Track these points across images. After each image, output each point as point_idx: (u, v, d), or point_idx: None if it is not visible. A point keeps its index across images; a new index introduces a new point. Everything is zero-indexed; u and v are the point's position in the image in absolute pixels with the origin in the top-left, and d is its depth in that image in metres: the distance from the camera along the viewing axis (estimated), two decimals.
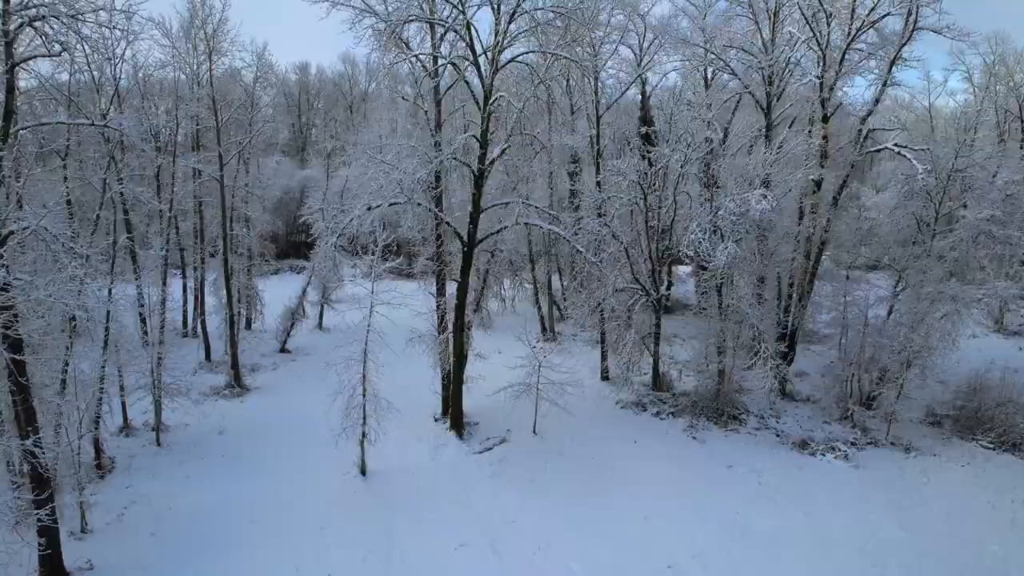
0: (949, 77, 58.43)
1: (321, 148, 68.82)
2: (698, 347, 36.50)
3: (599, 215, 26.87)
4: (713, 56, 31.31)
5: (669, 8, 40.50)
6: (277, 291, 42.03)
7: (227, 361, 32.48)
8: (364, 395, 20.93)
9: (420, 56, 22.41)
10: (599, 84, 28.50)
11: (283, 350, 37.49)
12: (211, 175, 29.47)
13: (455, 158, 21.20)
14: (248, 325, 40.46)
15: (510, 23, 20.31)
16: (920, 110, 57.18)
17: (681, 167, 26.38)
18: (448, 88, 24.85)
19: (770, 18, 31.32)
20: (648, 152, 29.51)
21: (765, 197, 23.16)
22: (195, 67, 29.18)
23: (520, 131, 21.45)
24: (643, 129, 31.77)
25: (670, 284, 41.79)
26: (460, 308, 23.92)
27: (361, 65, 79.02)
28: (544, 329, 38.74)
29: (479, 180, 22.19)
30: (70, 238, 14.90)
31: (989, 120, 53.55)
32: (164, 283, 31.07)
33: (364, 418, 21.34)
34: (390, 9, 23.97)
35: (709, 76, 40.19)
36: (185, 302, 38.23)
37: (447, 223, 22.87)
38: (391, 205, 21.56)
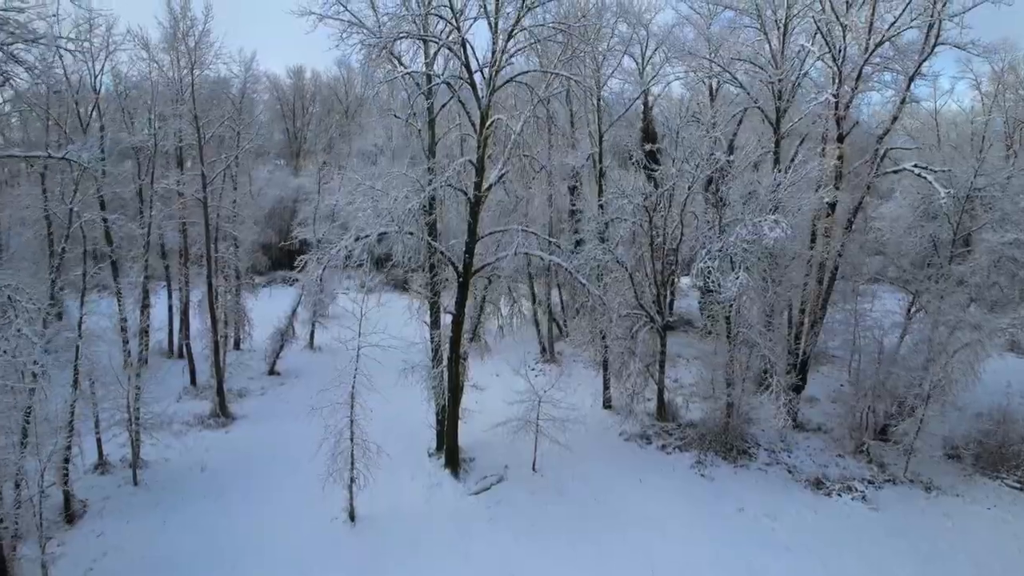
0: (956, 85, 56.89)
1: (316, 154, 67.58)
2: (703, 370, 35.37)
3: (601, 239, 25.51)
4: (720, 69, 29.99)
5: (672, 16, 38.62)
6: (269, 305, 40.57)
7: (213, 386, 31.02)
8: (352, 440, 19.50)
9: (413, 73, 20.98)
10: (601, 100, 27.09)
11: (272, 372, 36.06)
12: (193, 195, 28.01)
13: (449, 185, 19.78)
14: (237, 345, 39.05)
15: (508, 40, 18.92)
16: (924, 115, 55.97)
17: (689, 187, 25.04)
18: (443, 106, 23.48)
19: (779, 29, 30.01)
20: (652, 170, 28.19)
21: (778, 223, 21.81)
22: (178, 81, 27.72)
23: (519, 154, 20.03)
24: (647, 147, 30.36)
25: (672, 299, 40.51)
26: (455, 342, 22.55)
27: (357, 69, 77.65)
28: (543, 350, 37.39)
29: (475, 208, 20.81)
30: (15, 289, 13.47)
31: (997, 129, 52.34)
32: (143, 311, 29.59)
33: (352, 463, 19.93)
34: (382, 20, 22.72)
35: (714, 87, 39.06)
36: (171, 322, 36.76)
37: (441, 252, 21.48)
38: (381, 235, 20.14)
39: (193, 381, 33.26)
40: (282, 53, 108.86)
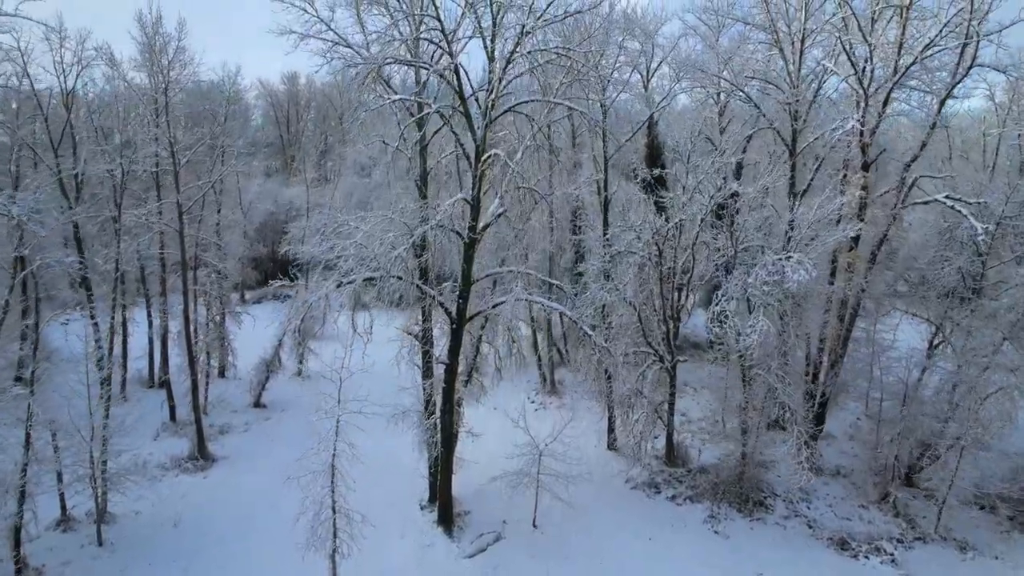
0: (971, 94, 54.76)
1: (307, 168, 65.66)
2: (712, 401, 33.53)
3: (606, 276, 23.68)
4: (733, 87, 28.15)
5: (679, 27, 36.71)
6: (260, 321, 38.44)
7: (193, 422, 29.17)
8: (334, 510, 17.61)
9: (403, 99, 19.09)
10: (606, 124, 25.16)
11: (257, 404, 34.17)
12: (168, 225, 26.07)
13: (441, 226, 17.88)
14: (221, 373, 37.16)
15: (506, 67, 17.01)
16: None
17: (701, 221, 23.18)
18: (436, 132, 21.61)
19: (794, 44, 28.12)
20: (660, 197, 26.31)
21: (802, 264, 19.92)
22: (153, 101, 25.78)
23: (517, 186, 18.13)
24: (654, 172, 28.48)
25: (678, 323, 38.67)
26: (448, 392, 20.68)
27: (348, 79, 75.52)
28: (544, 380, 35.57)
29: (470, 249, 18.92)
30: None
31: (1013, 142, 50.51)
32: (110, 350, 27.50)
33: (335, 533, 18.02)
34: (369, 38, 20.85)
35: (722, 100, 37.16)
36: (151, 351, 34.81)
37: (433, 297, 19.59)
38: (367, 280, 18.26)
39: (173, 416, 31.35)
40: (281, 54, 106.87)
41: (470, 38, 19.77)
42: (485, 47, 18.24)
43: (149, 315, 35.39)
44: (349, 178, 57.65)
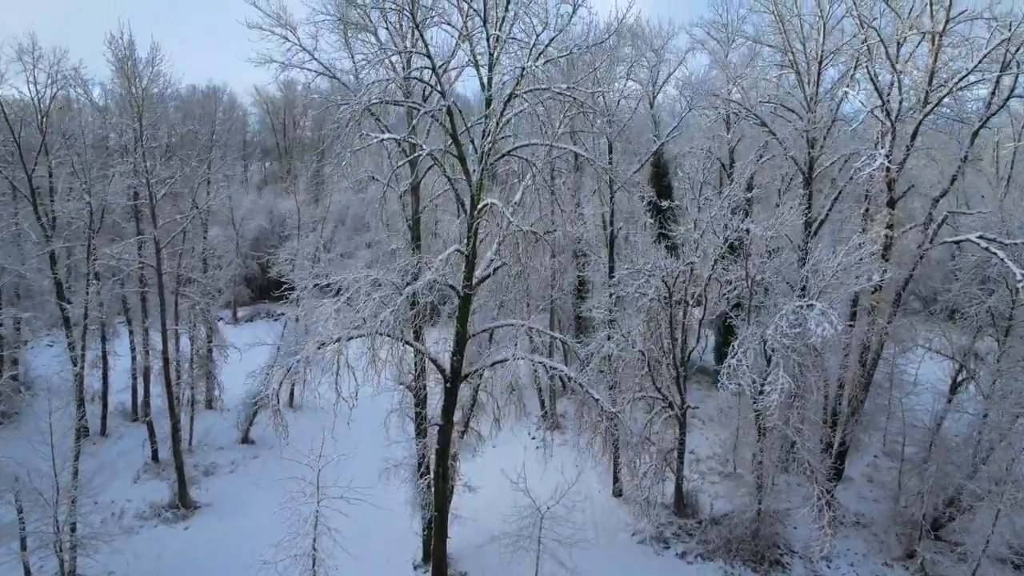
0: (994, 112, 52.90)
1: (304, 175, 63.95)
2: (721, 435, 31.99)
3: (610, 323, 22.13)
4: (747, 111, 26.50)
5: (686, 40, 35.11)
6: (252, 337, 36.79)
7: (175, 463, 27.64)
8: None
9: (394, 139, 17.49)
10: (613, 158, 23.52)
11: (245, 440, 32.60)
12: (145, 262, 24.46)
13: (435, 282, 16.25)
14: (209, 404, 35.58)
15: (503, 112, 15.37)
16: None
17: (713, 264, 21.59)
18: (428, 168, 20.02)
19: (810, 66, 26.46)
20: (670, 234, 24.75)
21: (825, 316, 18.30)
22: (130, 128, 24.17)
23: (517, 229, 16.49)
24: (664, 203, 26.88)
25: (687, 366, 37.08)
26: (442, 453, 19.10)
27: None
28: (545, 414, 34.03)
29: (465, 304, 17.32)
30: None
31: None
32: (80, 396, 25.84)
33: None
34: (358, 65, 19.26)
35: (731, 119, 35.48)
36: (135, 383, 33.23)
37: (424, 354, 18.00)
38: (351, 339, 16.69)
39: (155, 456, 29.78)
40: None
41: (464, 66, 18.28)
42: (481, 82, 16.63)
43: (132, 347, 33.85)
44: (344, 193, 56.01)
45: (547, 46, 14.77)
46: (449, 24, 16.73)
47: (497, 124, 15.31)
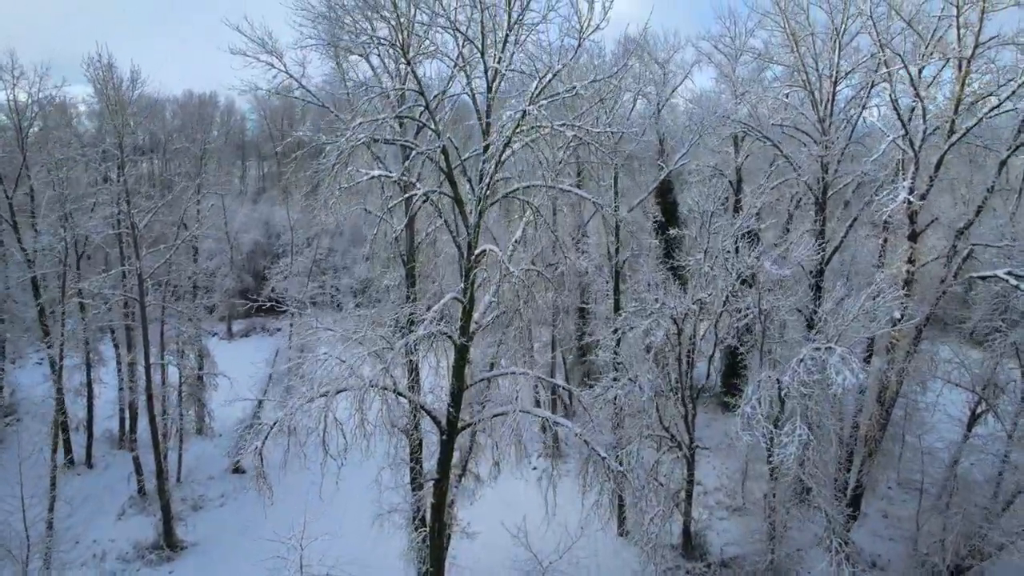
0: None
1: (298, 191, 62.79)
2: (729, 464, 30.86)
3: (615, 366, 21.03)
4: (761, 135, 25.39)
5: (692, 53, 33.94)
6: (243, 361, 35.67)
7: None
8: None
9: (388, 175, 16.37)
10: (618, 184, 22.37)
11: (236, 470, 31.49)
12: (128, 294, 23.31)
13: (430, 334, 15.13)
14: (199, 429, 34.48)
15: (503, 154, 14.21)
16: None
17: (725, 301, 20.44)
18: (424, 200, 18.86)
19: (822, 85, 25.30)
20: (678, 263, 23.60)
21: (846, 363, 17.15)
22: (111, 155, 23.02)
23: (514, 285, 15.37)
24: (671, 232, 25.73)
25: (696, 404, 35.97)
26: (438, 508, 17.98)
27: (354, 76, 72.35)
28: (545, 444, 32.93)
29: (461, 353, 16.19)
30: None
31: None
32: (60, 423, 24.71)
33: None
34: (350, 89, 18.15)
35: (739, 138, 34.30)
36: (122, 413, 32.12)
37: (419, 406, 16.89)
38: (341, 391, 15.57)
39: (141, 490, 28.64)
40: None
41: (460, 94, 17.15)
42: (478, 115, 15.48)
43: (120, 375, 32.73)
44: (339, 206, 54.85)
45: (551, 80, 13.61)
46: (444, 54, 15.58)
47: (495, 167, 14.16)
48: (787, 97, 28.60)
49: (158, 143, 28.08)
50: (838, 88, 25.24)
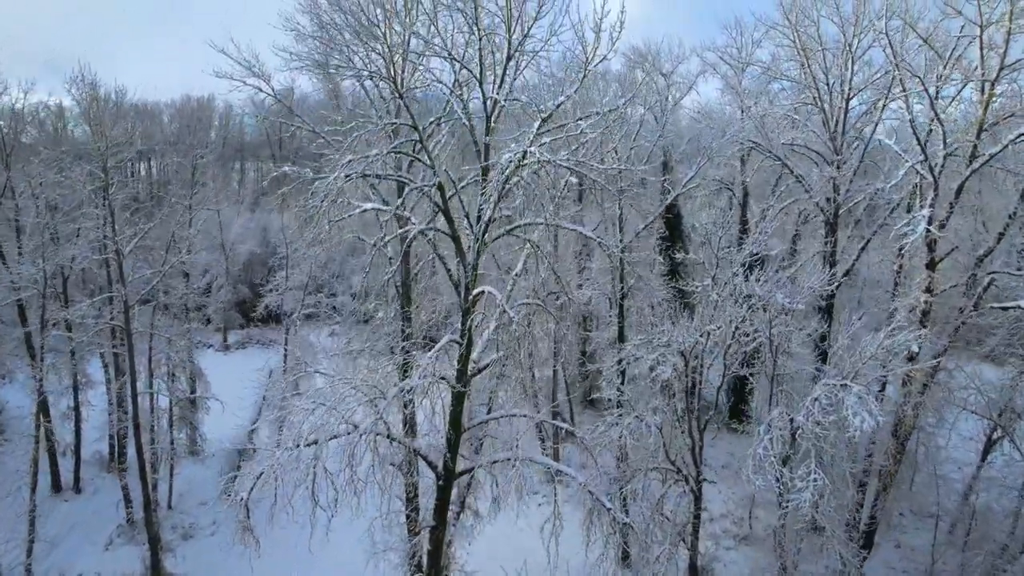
0: None
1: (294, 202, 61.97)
2: (738, 492, 30.01)
3: (619, 404, 20.18)
4: (771, 155, 24.53)
5: (697, 64, 33.16)
6: (238, 376, 34.75)
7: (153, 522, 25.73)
8: None
9: (383, 209, 15.54)
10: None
11: (229, 493, 30.60)
12: (114, 322, 22.45)
13: (425, 379, 14.28)
14: (192, 443, 33.60)
15: (502, 191, 13.34)
16: None
17: (734, 333, 19.56)
18: (420, 232, 18.00)
19: (832, 100, 24.42)
20: (685, 288, 22.74)
21: (863, 403, 16.26)
22: (97, 177, 22.15)
23: (513, 331, 14.54)
24: (678, 256, 24.87)
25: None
26: (435, 555, 17.11)
27: (347, 94, 71.67)
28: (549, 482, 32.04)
29: (459, 397, 15.34)
30: None
31: None
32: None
33: None
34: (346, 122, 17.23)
35: (746, 150, 33.42)
36: (112, 436, 31.25)
37: (415, 451, 16.03)
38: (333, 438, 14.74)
39: (130, 519, 27.78)
40: (277, 62, 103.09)
41: (456, 119, 16.27)
42: (477, 148, 14.62)
43: (108, 391, 31.91)
44: (346, 156, 54.13)
45: (554, 110, 12.73)
46: (440, 82, 14.71)
47: (493, 209, 13.29)
48: (795, 111, 27.75)
49: (154, 149, 27.20)
50: (850, 103, 24.41)
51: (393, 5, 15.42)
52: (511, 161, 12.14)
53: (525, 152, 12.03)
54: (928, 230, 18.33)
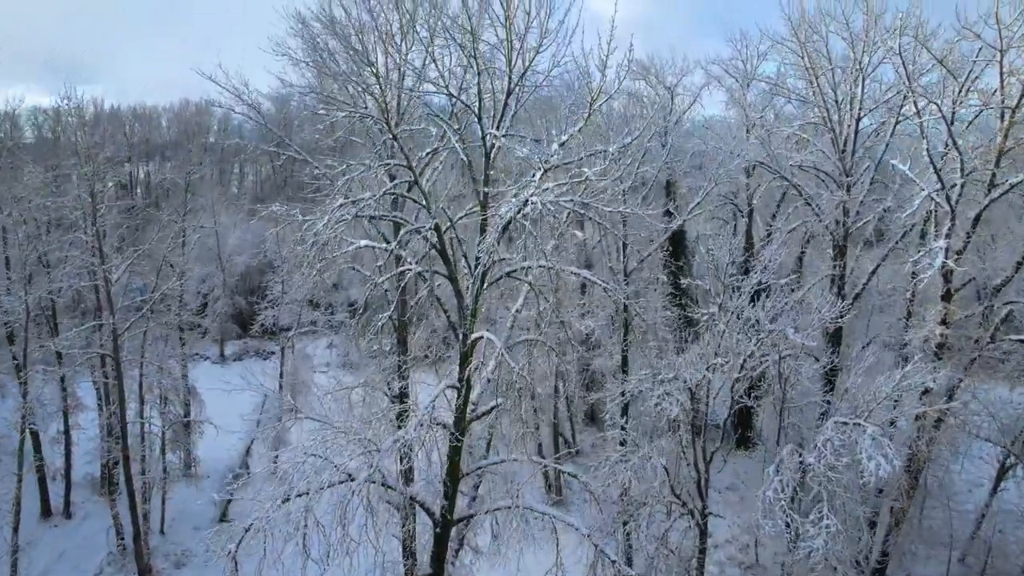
0: None
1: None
2: (743, 517, 29.36)
3: (622, 442, 19.57)
4: (782, 178, 23.88)
5: (701, 76, 32.47)
6: (236, 391, 34.11)
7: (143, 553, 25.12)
8: None
9: (377, 247, 14.91)
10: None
11: (223, 518, 29.99)
12: (104, 352, 21.80)
13: (422, 427, 13.63)
14: (187, 467, 32.98)
15: (502, 236, 12.69)
16: None
17: (742, 365, 18.91)
18: (417, 272, 17.35)
19: (841, 118, 23.71)
20: (689, 314, 22.07)
21: (878, 444, 15.61)
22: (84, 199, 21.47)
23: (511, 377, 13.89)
24: (683, 282, 24.22)
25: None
26: None
27: (341, 115, 70.48)
28: (549, 486, 31.52)
29: (457, 444, 14.70)
30: None
31: None
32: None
33: None
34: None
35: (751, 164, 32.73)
36: (104, 465, 30.59)
37: (412, 498, 15.39)
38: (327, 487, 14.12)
39: (121, 546, 27.10)
40: (275, 64, 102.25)
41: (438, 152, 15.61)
42: (476, 189, 13.96)
43: (100, 411, 31.23)
44: (336, 200, 53.38)
45: (558, 163, 12.06)
46: (436, 116, 14.05)
47: (490, 261, 12.64)
48: (802, 130, 27.05)
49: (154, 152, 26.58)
50: (860, 125, 23.72)
51: (389, 30, 14.82)
52: (510, 211, 11.47)
53: (526, 201, 11.35)
54: (945, 263, 17.65)
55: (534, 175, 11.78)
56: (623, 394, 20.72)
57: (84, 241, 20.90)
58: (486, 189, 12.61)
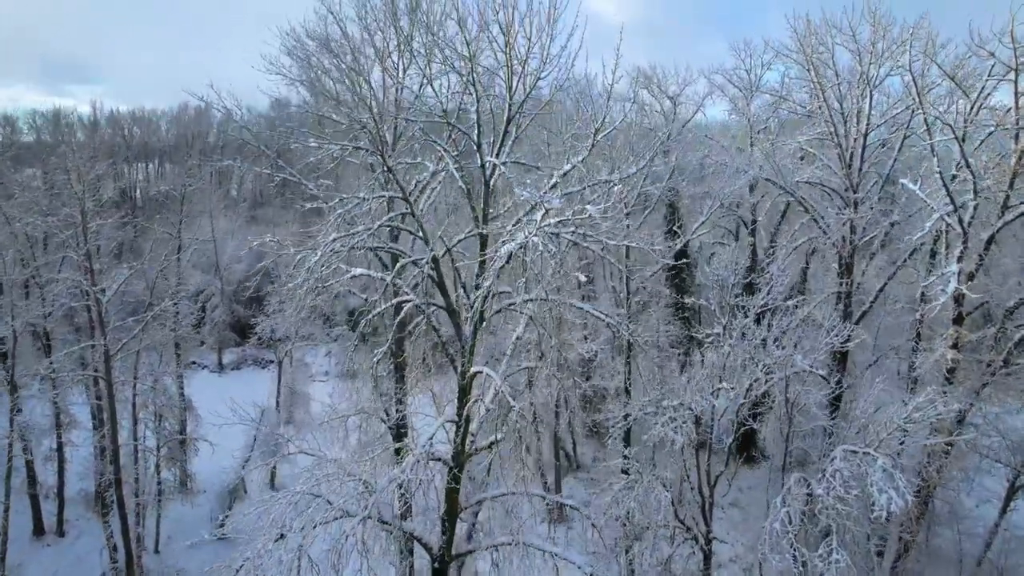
0: None
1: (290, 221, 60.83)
2: (748, 536, 28.94)
3: (625, 471, 19.14)
4: (786, 192, 23.40)
5: (704, 86, 32.00)
6: (233, 391, 33.58)
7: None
8: None
9: (372, 275, 14.46)
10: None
11: (220, 537, 29.51)
12: (97, 374, 21.36)
13: (419, 463, 13.18)
14: (183, 483, 32.54)
15: (498, 276, 12.24)
16: None
17: (747, 390, 18.47)
18: (415, 304, 16.90)
19: (848, 130, 23.21)
20: (692, 331, 21.62)
21: (890, 475, 15.17)
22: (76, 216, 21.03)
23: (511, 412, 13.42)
24: (687, 301, 23.74)
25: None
26: None
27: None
28: (549, 508, 30.96)
29: (455, 477, 14.26)
30: None
31: None
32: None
33: None
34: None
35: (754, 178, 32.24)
36: (98, 485, 30.14)
37: (410, 535, 14.95)
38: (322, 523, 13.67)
39: (115, 567, 26.65)
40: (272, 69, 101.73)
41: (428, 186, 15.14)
42: (474, 215, 13.50)
43: (94, 421, 30.76)
44: (330, 234, 52.90)
45: (559, 205, 11.61)
46: (434, 142, 13.59)
47: (487, 298, 12.19)
48: (808, 144, 26.56)
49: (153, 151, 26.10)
50: (868, 139, 23.26)
51: (385, 48, 14.37)
52: (509, 250, 10.99)
53: (525, 244, 10.86)
54: (957, 287, 17.19)
55: (534, 214, 11.33)
56: (626, 417, 20.30)
57: (75, 261, 20.46)
58: (484, 230, 12.15)
